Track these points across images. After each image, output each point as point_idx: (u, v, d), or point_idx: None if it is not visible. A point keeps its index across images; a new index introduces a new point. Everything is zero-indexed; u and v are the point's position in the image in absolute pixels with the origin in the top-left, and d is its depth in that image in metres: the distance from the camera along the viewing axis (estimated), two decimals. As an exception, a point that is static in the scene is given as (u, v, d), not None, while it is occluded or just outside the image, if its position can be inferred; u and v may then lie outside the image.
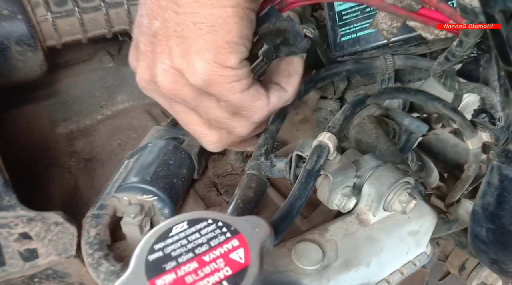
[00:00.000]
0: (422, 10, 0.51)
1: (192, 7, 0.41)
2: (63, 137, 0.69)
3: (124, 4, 0.73)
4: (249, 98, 0.48)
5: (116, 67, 0.83)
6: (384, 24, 0.53)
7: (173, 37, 0.43)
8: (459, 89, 0.60)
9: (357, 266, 0.48)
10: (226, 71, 0.44)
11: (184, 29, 0.42)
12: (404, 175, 0.51)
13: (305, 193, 0.45)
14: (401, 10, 0.52)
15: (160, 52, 0.44)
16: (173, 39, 0.43)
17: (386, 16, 0.53)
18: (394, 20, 0.53)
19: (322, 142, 0.48)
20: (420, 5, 0.51)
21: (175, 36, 0.43)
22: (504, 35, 0.36)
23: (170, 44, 0.44)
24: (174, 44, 0.43)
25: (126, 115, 0.73)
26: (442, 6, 0.49)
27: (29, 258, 0.45)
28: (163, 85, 0.46)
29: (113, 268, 0.44)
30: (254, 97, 0.48)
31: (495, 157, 0.51)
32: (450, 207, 0.78)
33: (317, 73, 0.66)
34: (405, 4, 0.52)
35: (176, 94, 0.47)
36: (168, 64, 0.44)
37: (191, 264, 0.31)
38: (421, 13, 0.51)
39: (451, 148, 0.95)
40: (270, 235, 0.34)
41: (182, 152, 0.57)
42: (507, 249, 0.54)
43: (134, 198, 0.51)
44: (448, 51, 0.50)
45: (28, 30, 0.64)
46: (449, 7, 0.49)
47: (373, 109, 0.74)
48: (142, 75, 0.48)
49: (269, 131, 0.58)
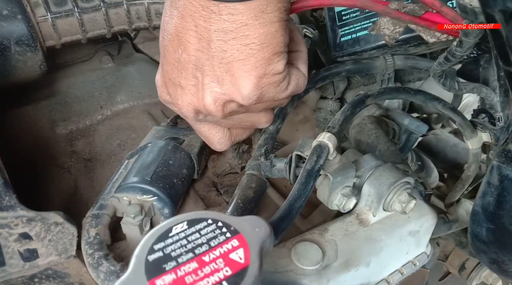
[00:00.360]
0: (425, 15, 0.52)
1: (241, 31, 0.42)
2: (62, 137, 0.69)
3: (124, 4, 0.73)
4: (293, 86, 0.50)
5: (116, 67, 0.82)
6: (386, 30, 0.54)
7: (220, 65, 0.44)
8: (459, 89, 0.60)
9: (357, 266, 0.48)
10: (275, 77, 0.46)
11: (234, 53, 0.43)
12: (404, 175, 0.51)
13: (305, 193, 0.45)
14: (404, 15, 0.52)
15: (207, 83, 0.45)
16: (222, 67, 0.44)
17: (389, 21, 0.54)
18: (397, 25, 0.53)
19: (322, 142, 0.48)
20: (423, 10, 0.51)
21: (223, 63, 0.43)
22: (504, 35, 0.36)
23: (217, 73, 0.44)
24: (223, 71, 0.44)
25: (125, 115, 0.73)
26: (444, 9, 0.49)
27: (29, 258, 0.45)
28: (213, 110, 0.47)
29: (113, 268, 0.44)
30: (297, 85, 0.50)
31: (495, 157, 0.51)
32: (450, 207, 0.78)
33: (317, 73, 0.66)
34: (409, 9, 0.52)
35: (227, 116, 0.48)
36: (219, 91, 0.45)
37: (191, 264, 0.31)
38: (425, 18, 0.52)
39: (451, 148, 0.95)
40: (270, 235, 0.34)
41: (182, 152, 0.57)
42: (507, 249, 0.54)
43: (134, 198, 0.51)
44: (448, 51, 0.50)
45: (27, 30, 0.64)
46: (452, 10, 0.49)
47: (373, 109, 0.74)
48: (185, 106, 0.48)
49: (269, 131, 0.58)
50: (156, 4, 0.74)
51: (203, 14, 0.41)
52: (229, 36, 0.42)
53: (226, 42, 0.42)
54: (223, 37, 0.42)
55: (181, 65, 0.45)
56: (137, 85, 0.78)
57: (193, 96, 0.46)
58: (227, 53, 0.43)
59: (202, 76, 0.45)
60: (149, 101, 0.75)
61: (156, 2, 0.74)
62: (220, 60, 0.43)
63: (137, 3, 0.74)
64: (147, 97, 0.76)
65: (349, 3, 0.53)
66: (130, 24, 0.75)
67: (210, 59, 0.44)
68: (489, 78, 0.69)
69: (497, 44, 0.38)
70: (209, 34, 0.42)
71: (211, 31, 0.42)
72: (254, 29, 0.42)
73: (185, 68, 0.45)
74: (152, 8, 0.75)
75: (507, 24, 0.35)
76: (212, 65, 0.44)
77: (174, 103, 0.49)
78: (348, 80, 0.73)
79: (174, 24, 0.44)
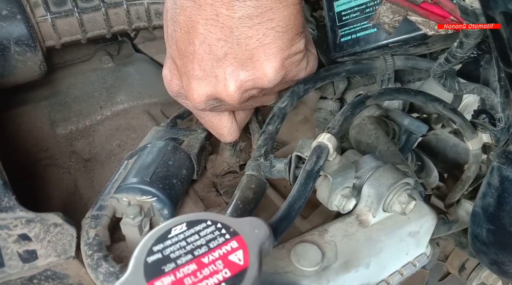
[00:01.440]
0: (424, 4, 0.51)
1: (267, 15, 0.42)
2: (62, 138, 0.69)
3: (124, 4, 0.73)
4: (310, 65, 0.52)
5: (116, 67, 0.82)
6: (386, 18, 0.53)
7: (245, 51, 0.44)
8: (459, 90, 0.60)
9: (357, 267, 0.48)
10: (297, 56, 0.47)
11: (260, 38, 0.43)
12: (403, 176, 0.51)
13: (304, 194, 0.45)
14: (403, 1, 0.52)
15: (230, 72, 0.45)
16: (246, 53, 0.44)
17: (388, 9, 0.53)
18: (396, 14, 0.53)
19: (322, 143, 0.48)
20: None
21: (248, 49, 0.44)
22: (505, 37, 0.36)
23: (241, 60, 0.44)
24: (246, 59, 0.44)
25: (125, 115, 0.73)
26: (443, 1, 0.49)
27: (28, 259, 0.45)
28: (235, 99, 0.47)
29: (112, 269, 0.44)
30: (313, 65, 0.53)
31: (495, 158, 0.51)
32: (450, 208, 0.78)
33: (317, 73, 0.65)
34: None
35: (244, 101, 0.49)
36: (244, 79, 0.46)
37: (190, 266, 0.31)
38: (423, 7, 0.51)
39: (451, 148, 0.95)
40: (269, 237, 0.34)
41: (181, 153, 0.57)
42: (507, 250, 0.54)
43: (133, 199, 0.50)
44: (448, 52, 0.50)
45: (27, 31, 0.64)
46: (450, 2, 0.49)
47: (373, 109, 0.74)
48: (203, 98, 0.48)
49: (269, 131, 0.58)
50: (156, 4, 0.74)
51: (225, 2, 0.41)
52: (254, 21, 0.42)
53: (251, 27, 0.43)
54: (248, 23, 0.42)
55: (199, 57, 0.45)
56: (137, 85, 0.78)
57: (214, 87, 0.46)
58: (253, 39, 0.43)
59: (224, 66, 0.45)
60: (149, 101, 0.75)
61: (156, 2, 0.74)
62: (245, 47, 0.44)
63: (137, 3, 0.74)
64: (147, 97, 0.76)
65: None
66: (130, 24, 0.75)
67: (234, 47, 0.44)
68: (489, 79, 0.69)
69: (497, 46, 0.38)
70: (232, 22, 0.42)
71: (235, 18, 0.42)
72: (279, 12, 0.43)
73: (204, 60, 0.45)
74: (152, 8, 0.75)
75: (508, 25, 0.34)
76: (235, 54, 0.44)
77: (187, 94, 0.49)
78: (348, 80, 0.73)
79: (188, 15, 0.44)
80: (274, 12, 0.42)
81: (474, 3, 0.38)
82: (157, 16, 0.75)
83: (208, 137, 0.64)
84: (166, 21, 0.48)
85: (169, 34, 0.47)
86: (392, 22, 0.53)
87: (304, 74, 0.51)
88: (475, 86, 0.62)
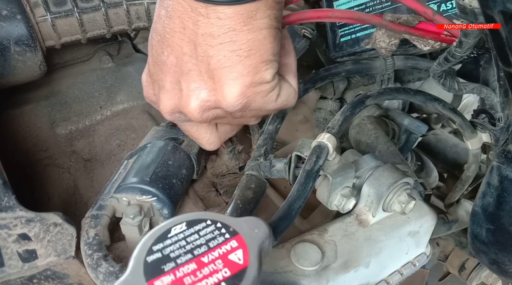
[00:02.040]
0: (419, 25, 0.52)
1: (229, 36, 0.40)
2: (62, 137, 0.69)
3: (123, 4, 0.73)
4: (283, 99, 0.48)
5: (116, 67, 0.82)
6: (382, 43, 0.54)
7: (207, 71, 0.42)
8: (459, 90, 0.60)
9: (357, 267, 0.48)
10: (262, 87, 0.44)
11: (220, 60, 0.41)
12: (403, 176, 0.51)
13: (304, 193, 0.45)
14: (400, 26, 0.52)
15: (193, 89, 0.44)
16: (208, 73, 0.42)
17: (384, 33, 0.54)
18: (392, 37, 0.53)
19: (321, 142, 0.48)
20: (417, 20, 0.52)
21: (210, 69, 0.42)
22: (504, 36, 0.36)
23: (204, 79, 0.43)
24: (208, 78, 0.43)
25: (125, 115, 0.73)
26: (437, 18, 0.50)
27: (28, 259, 0.45)
28: (196, 117, 0.45)
29: (112, 269, 0.44)
30: (287, 100, 0.49)
31: (494, 158, 0.51)
32: (449, 208, 0.78)
33: (316, 73, 0.65)
34: (403, 20, 0.52)
35: (209, 120, 0.47)
36: (204, 98, 0.44)
37: (190, 265, 0.31)
38: (419, 27, 0.52)
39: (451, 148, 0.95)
40: (269, 236, 0.34)
41: (181, 153, 0.57)
42: (507, 250, 0.54)
43: (133, 199, 0.50)
44: (447, 51, 0.50)
45: (27, 31, 0.64)
46: (444, 19, 0.49)
47: (372, 109, 0.74)
48: (169, 109, 0.47)
49: (268, 131, 0.58)
50: (155, 4, 0.74)
51: (191, 16, 0.40)
52: (216, 41, 0.41)
53: (213, 47, 0.41)
54: (210, 41, 0.41)
55: (167, 68, 0.44)
56: (137, 85, 0.78)
57: (178, 100, 0.45)
58: (214, 59, 0.41)
59: (188, 81, 0.43)
60: (149, 101, 0.75)
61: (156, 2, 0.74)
62: (207, 66, 0.42)
63: (137, 3, 0.74)
64: (146, 97, 0.76)
65: (346, 16, 0.53)
66: (130, 24, 0.75)
67: (197, 64, 0.42)
68: (489, 79, 0.69)
69: (496, 45, 0.38)
70: (196, 38, 0.41)
71: (199, 34, 0.41)
72: (242, 35, 0.40)
73: (171, 72, 0.44)
74: (152, 8, 0.75)
75: (507, 25, 0.35)
76: (199, 71, 0.43)
77: (158, 104, 0.48)
78: (348, 80, 0.73)
79: (162, 25, 0.43)
80: (237, 34, 0.40)
81: (473, 2, 0.38)
82: (157, 16, 0.76)
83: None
84: (151, 28, 0.47)
85: (149, 39, 0.47)
86: (389, 46, 0.53)
87: (274, 107, 0.47)
88: (475, 86, 0.62)
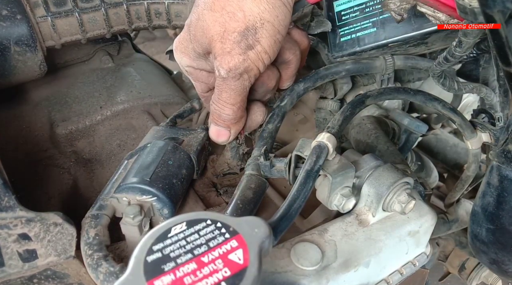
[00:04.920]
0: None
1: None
2: (62, 137, 0.69)
3: (124, 4, 0.73)
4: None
5: (116, 67, 0.82)
6: (393, 4, 0.53)
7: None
8: (459, 89, 0.60)
9: (356, 267, 0.48)
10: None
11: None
12: (403, 176, 0.51)
13: (304, 193, 0.45)
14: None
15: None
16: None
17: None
18: (404, 2, 0.53)
19: (321, 142, 0.48)
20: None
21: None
22: (503, 35, 0.36)
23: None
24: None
25: (125, 115, 0.73)
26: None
27: (28, 259, 0.45)
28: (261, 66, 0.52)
29: (112, 269, 0.44)
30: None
31: (494, 158, 0.51)
32: (449, 207, 0.78)
33: (316, 72, 0.66)
34: None
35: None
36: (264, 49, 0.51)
37: (190, 265, 0.31)
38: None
39: (451, 148, 0.95)
40: (269, 236, 0.34)
41: (181, 153, 0.57)
42: (507, 250, 0.54)
43: (133, 199, 0.50)
44: (447, 51, 0.50)
45: (27, 31, 0.64)
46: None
47: (372, 109, 0.74)
48: (238, 67, 0.51)
49: (268, 130, 0.58)
50: (156, 4, 0.74)
51: None
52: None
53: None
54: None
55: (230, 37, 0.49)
56: (137, 85, 0.78)
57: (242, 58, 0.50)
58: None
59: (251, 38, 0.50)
60: (149, 101, 0.75)
61: (156, 2, 0.74)
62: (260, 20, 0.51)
63: (137, 3, 0.74)
64: (147, 97, 0.76)
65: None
66: (130, 24, 0.75)
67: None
68: (488, 78, 0.69)
69: (496, 45, 0.38)
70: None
71: None
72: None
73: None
74: (152, 8, 0.75)
75: (507, 24, 0.35)
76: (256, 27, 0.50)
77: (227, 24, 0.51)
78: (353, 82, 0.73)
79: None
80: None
81: (473, 2, 0.38)
82: (157, 16, 0.76)
83: (208, 137, 0.64)
84: None
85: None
86: (398, 10, 0.53)
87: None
88: (475, 86, 0.62)
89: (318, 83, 0.66)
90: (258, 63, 0.52)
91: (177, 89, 0.83)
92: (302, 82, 0.63)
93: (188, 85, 0.90)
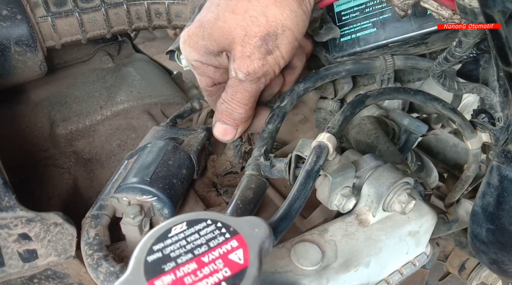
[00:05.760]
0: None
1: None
2: (62, 138, 0.69)
3: (124, 4, 0.73)
4: None
5: (116, 67, 0.83)
6: (397, 0, 0.53)
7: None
8: (459, 89, 0.60)
9: (357, 267, 0.48)
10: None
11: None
12: (403, 176, 0.51)
13: (304, 193, 0.45)
14: None
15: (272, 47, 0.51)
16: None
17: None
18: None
19: (322, 142, 0.48)
20: None
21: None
22: (503, 35, 0.36)
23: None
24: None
25: (125, 115, 0.73)
26: None
27: (29, 259, 0.45)
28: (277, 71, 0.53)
29: (113, 269, 0.44)
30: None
31: (494, 158, 0.51)
32: (450, 207, 0.78)
33: (317, 72, 0.65)
34: None
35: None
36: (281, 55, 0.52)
37: (190, 265, 0.31)
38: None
39: (451, 148, 0.95)
40: (269, 236, 0.34)
41: (181, 153, 0.57)
42: (507, 250, 0.54)
43: (133, 199, 0.50)
44: (447, 51, 0.50)
45: (27, 31, 0.64)
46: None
47: (372, 109, 0.74)
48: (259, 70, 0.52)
49: (268, 131, 0.58)
50: (156, 4, 0.74)
51: None
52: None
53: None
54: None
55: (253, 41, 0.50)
56: (137, 85, 0.78)
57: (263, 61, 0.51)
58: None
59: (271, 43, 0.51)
60: (149, 101, 0.76)
61: (156, 2, 0.74)
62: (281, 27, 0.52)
63: (137, 3, 0.74)
64: (147, 97, 0.76)
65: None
66: (130, 24, 0.75)
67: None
68: (488, 78, 0.69)
69: (496, 45, 0.38)
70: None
71: None
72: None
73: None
74: (152, 8, 0.75)
75: (507, 24, 0.35)
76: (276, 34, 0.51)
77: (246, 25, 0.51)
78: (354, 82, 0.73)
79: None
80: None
81: (473, 2, 0.38)
82: (157, 16, 0.76)
83: (208, 137, 0.64)
84: None
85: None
86: (402, 5, 0.53)
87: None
88: (475, 86, 0.62)
89: (318, 83, 0.66)
90: (275, 68, 0.52)
91: (177, 89, 0.83)
92: (302, 82, 0.63)
93: (188, 85, 0.90)
